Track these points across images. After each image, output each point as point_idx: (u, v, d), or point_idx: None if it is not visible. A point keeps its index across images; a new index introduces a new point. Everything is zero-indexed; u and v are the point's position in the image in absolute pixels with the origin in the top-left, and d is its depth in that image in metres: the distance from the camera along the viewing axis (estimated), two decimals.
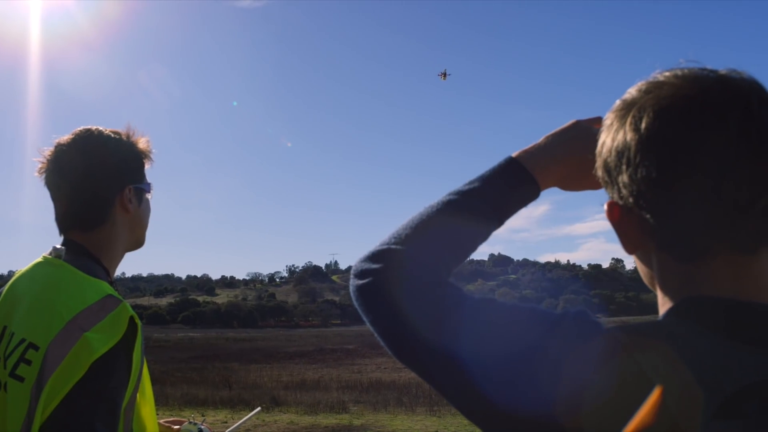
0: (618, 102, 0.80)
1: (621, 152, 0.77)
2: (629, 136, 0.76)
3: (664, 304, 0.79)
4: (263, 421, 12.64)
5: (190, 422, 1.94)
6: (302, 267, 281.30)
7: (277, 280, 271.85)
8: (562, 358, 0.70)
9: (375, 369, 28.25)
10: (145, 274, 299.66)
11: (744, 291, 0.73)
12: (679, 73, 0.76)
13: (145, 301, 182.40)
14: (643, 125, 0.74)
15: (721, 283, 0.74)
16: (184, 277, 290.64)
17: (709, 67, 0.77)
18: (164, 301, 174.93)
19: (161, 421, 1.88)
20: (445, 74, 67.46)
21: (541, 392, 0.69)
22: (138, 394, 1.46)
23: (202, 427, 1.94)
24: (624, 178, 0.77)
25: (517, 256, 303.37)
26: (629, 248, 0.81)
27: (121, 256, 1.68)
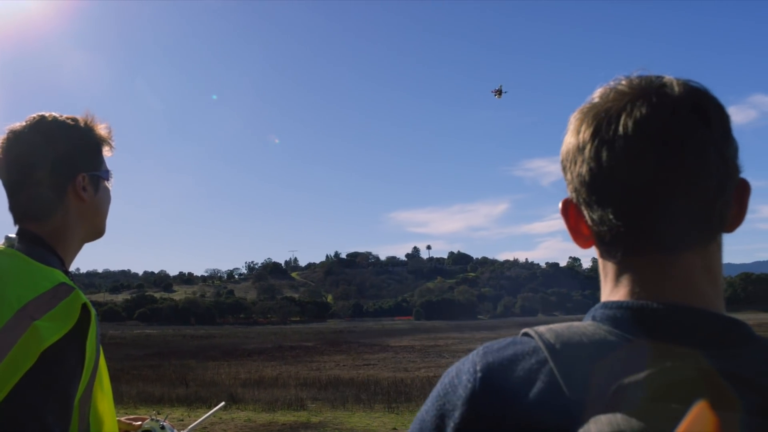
0: (577, 108, 0.86)
1: (567, 153, 0.82)
2: (572, 140, 0.81)
3: (603, 298, 0.83)
4: (220, 418, 12.54)
5: (152, 419, 1.91)
6: (261, 264, 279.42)
7: (236, 276, 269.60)
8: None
9: (334, 366, 28.25)
10: (100, 270, 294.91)
11: (663, 290, 0.76)
12: (623, 81, 0.80)
13: (101, 297, 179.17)
14: (581, 131, 0.80)
15: (644, 283, 0.77)
16: (140, 273, 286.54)
17: (662, 76, 0.80)
18: (120, 298, 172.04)
19: (122, 419, 1.84)
20: (500, 91, 60.91)
21: None
22: (96, 388, 1.41)
23: (165, 424, 1.91)
24: (569, 176, 0.83)
25: (476, 254, 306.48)
26: (581, 243, 0.85)
27: (79, 246, 1.61)
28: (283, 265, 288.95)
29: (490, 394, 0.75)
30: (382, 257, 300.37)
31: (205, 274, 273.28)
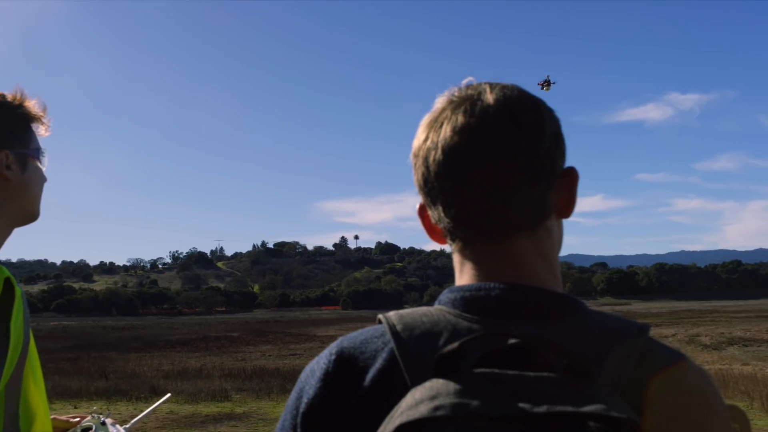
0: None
1: (410, 159, 0.92)
2: (413, 146, 0.91)
3: None
4: (141, 411, 12.30)
5: (93, 416, 1.86)
6: (186, 253, 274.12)
7: (160, 266, 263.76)
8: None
9: (259, 356, 28.01)
10: (15, 260, 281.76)
11: (499, 273, 0.85)
12: (455, 91, 0.90)
13: None
14: (418, 137, 0.90)
15: (481, 269, 0.87)
16: (59, 262, 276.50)
17: (483, 84, 0.89)
18: (36, 288, 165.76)
19: (60, 417, 1.78)
20: (548, 82, 52.98)
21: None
22: (27, 377, 1.34)
23: (106, 420, 1.87)
24: (413, 180, 0.92)
25: (403, 245, 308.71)
26: (437, 240, 0.94)
27: (7, 230, 1.50)
28: (208, 254, 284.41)
29: (342, 372, 0.83)
30: (310, 247, 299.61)
31: (128, 264, 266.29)
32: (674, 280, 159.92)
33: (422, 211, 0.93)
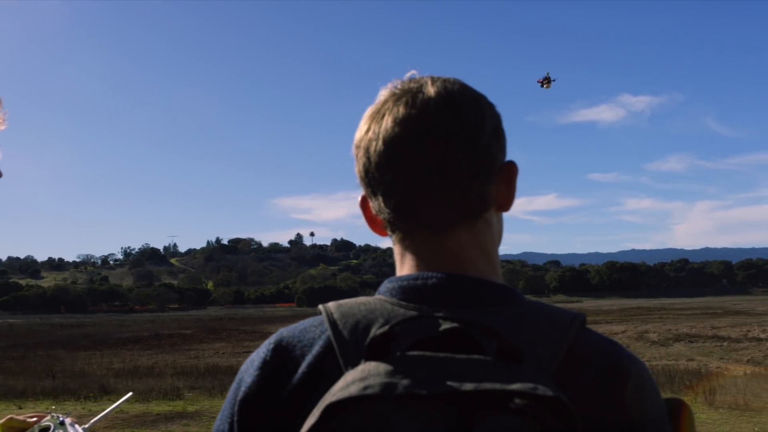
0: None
1: (354, 147, 0.92)
2: (355, 138, 0.92)
3: None
4: (89, 410, 12.06)
5: (52, 415, 1.82)
6: (139, 249, 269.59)
7: (111, 262, 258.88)
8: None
9: (213, 354, 27.72)
10: None
11: (438, 264, 0.86)
12: (398, 84, 0.90)
13: None
14: (360, 129, 0.91)
15: (420, 260, 0.88)
16: (4, 258, 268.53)
17: (426, 77, 0.90)
18: None
19: (21, 417, 1.74)
20: (548, 80, 49.93)
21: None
22: None
23: (65, 419, 1.84)
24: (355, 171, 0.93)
25: (359, 242, 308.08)
26: (378, 232, 0.94)
27: None
28: (161, 250, 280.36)
29: (279, 360, 0.84)
30: (265, 244, 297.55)
31: (77, 260, 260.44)
32: (625, 278, 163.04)
33: (364, 203, 0.94)
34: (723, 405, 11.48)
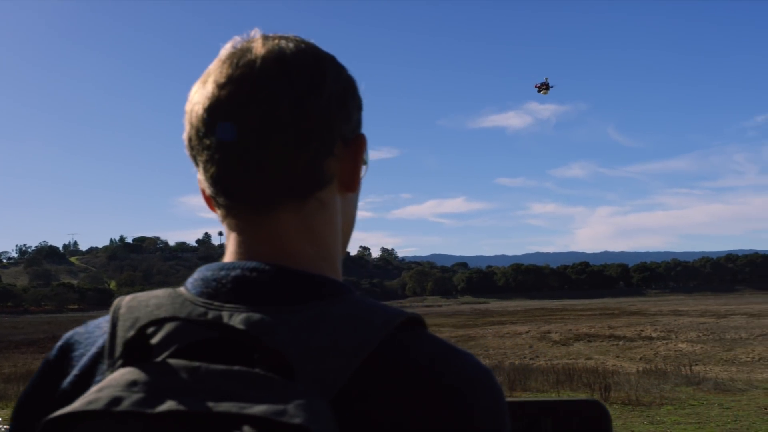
0: None
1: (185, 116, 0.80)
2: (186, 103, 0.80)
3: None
4: None
5: None
6: (35, 247, 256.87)
7: (5, 260, 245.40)
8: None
9: None
10: None
11: (255, 251, 0.75)
12: (229, 45, 0.79)
13: None
14: (189, 97, 0.79)
15: (239, 244, 0.77)
16: None
17: (261, 36, 0.78)
18: None
19: None
20: (546, 86, 46.15)
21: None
22: None
23: None
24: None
25: None
26: (213, 210, 0.81)
27: None
28: (60, 249, 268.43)
29: (59, 360, 0.76)
30: (172, 243, 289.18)
31: None
32: (529, 280, 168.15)
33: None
34: (617, 401, 12.03)
